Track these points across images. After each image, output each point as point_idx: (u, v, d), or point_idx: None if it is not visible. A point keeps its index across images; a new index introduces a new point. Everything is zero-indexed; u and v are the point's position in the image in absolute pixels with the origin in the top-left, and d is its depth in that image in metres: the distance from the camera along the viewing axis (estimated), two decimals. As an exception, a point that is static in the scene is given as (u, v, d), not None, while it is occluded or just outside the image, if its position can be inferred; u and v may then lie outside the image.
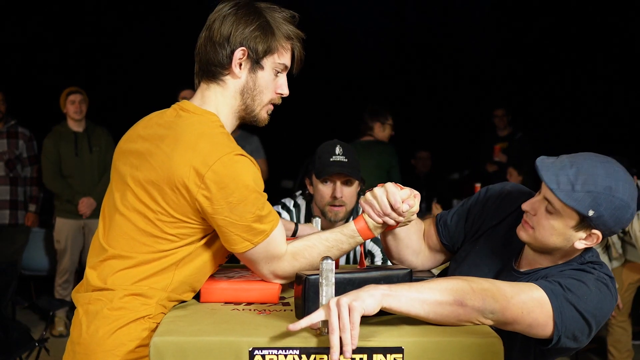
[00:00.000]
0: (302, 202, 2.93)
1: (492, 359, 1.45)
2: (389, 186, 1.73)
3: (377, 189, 1.75)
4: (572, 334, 1.60)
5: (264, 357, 1.42)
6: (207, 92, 1.75)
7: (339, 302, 1.41)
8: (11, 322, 4.00)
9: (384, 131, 5.35)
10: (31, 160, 5.44)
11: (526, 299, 1.56)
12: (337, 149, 2.69)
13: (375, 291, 1.46)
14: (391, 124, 5.38)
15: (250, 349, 1.42)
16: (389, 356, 1.43)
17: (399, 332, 1.50)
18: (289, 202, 2.93)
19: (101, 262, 1.70)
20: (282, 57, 1.75)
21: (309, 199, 2.90)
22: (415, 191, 1.76)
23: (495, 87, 7.74)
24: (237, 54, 1.70)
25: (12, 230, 5.36)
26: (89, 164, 5.28)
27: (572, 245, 1.66)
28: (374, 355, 1.43)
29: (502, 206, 1.86)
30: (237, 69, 1.71)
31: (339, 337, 1.38)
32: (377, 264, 2.79)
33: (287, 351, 1.43)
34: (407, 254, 1.93)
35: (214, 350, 1.43)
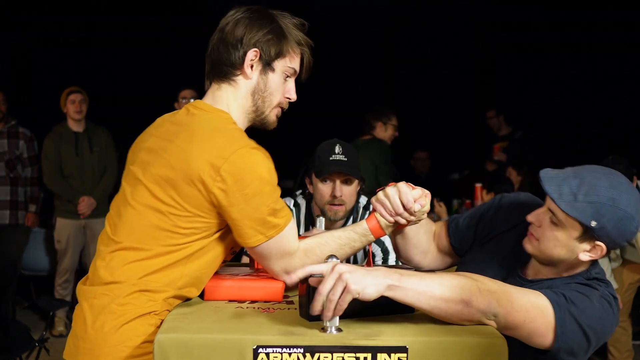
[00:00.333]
0: (302, 202, 2.93)
1: None
2: (402, 186, 1.75)
3: (389, 189, 1.76)
4: (570, 348, 1.59)
5: (268, 355, 1.42)
6: (218, 92, 1.78)
7: (341, 276, 1.44)
8: (11, 322, 4.00)
9: (386, 131, 5.33)
10: (32, 160, 5.43)
11: (530, 306, 1.56)
12: (337, 148, 2.70)
13: (382, 280, 1.47)
14: (394, 125, 5.35)
15: (254, 347, 1.42)
16: (393, 355, 1.43)
17: (403, 332, 1.50)
18: (289, 202, 2.93)
19: (111, 253, 1.71)
20: (293, 61, 1.79)
21: (309, 198, 2.91)
22: (426, 191, 1.78)
23: (495, 87, 7.75)
24: (249, 54, 1.74)
25: (12, 230, 5.36)
26: (89, 164, 5.28)
27: (576, 257, 1.66)
28: (378, 354, 1.43)
29: (515, 214, 1.86)
30: (249, 70, 1.75)
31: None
32: (378, 263, 2.79)
33: (291, 349, 1.43)
34: (415, 254, 1.94)
35: (218, 348, 1.43)
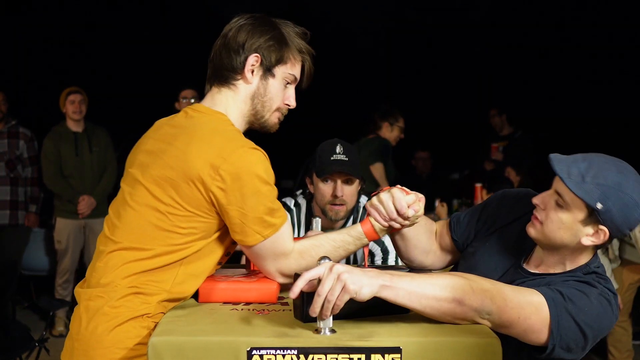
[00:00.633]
0: (302, 202, 2.93)
1: None
2: (395, 191, 1.77)
3: (383, 194, 1.78)
4: (566, 344, 1.59)
5: (262, 357, 1.42)
6: (217, 96, 1.81)
7: (339, 276, 1.45)
8: (11, 322, 4.01)
9: (392, 132, 5.33)
10: (32, 160, 5.44)
11: (524, 304, 1.56)
12: (338, 148, 2.70)
13: (375, 280, 1.48)
14: (401, 127, 5.34)
15: (248, 349, 1.42)
16: (387, 356, 1.43)
17: (397, 332, 1.50)
18: (289, 201, 2.92)
19: (110, 253, 1.72)
20: (294, 68, 1.82)
21: (310, 198, 2.90)
22: (420, 195, 1.80)
23: (496, 87, 7.74)
24: (250, 59, 1.77)
25: (12, 230, 5.36)
26: (89, 164, 5.28)
27: (579, 241, 1.65)
28: (372, 355, 1.43)
29: (517, 206, 1.86)
30: (250, 75, 1.78)
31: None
32: (377, 263, 2.79)
33: (285, 351, 1.43)
34: (416, 254, 1.95)
35: (212, 350, 1.43)
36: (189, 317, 1.61)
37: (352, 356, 1.43)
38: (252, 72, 1.78)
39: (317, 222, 2.28)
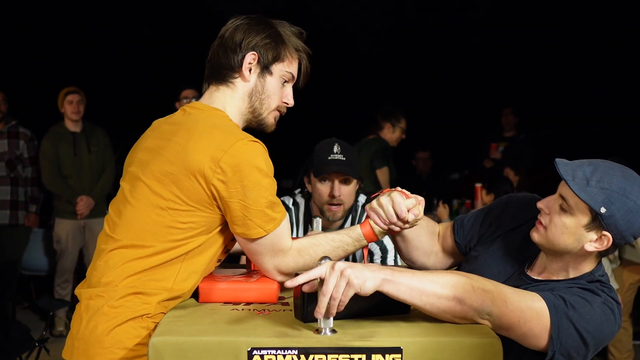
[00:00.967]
0: (301, 201, 2.93)
1: None
2: (395, 195, 1.77)
3: (383, 198, 1.78)
4: (567, 351, 1.58)
5: (262, 357, 1.42)
6: (215, 93, 1.82)
7: (343, 272, 1.45)
8: (11, 322, 4.01)
9: (393, 133, 5.31)
10: (32, 160, 5.43)
11: (525, 308, 1.56)
12: (335, 148, 2.69)
13: (377, 274, 1.49)
14: (402, 128, 5.33)
15: (248, 349, 1.42)
16: (387, 356, 1.43)
17: (398, 332, 1.50)
18: (287, 201, 2.92)
19: (110, 252, 1.72)
20: (290, 66, 1.84)
21: (308, 197, 2.90)
22: (420, 198, 1.80)
23: (495, 87, 7.74)
24: (247, 58, 1.79)
25: (12, 230, 5.36)
26: (87, 164, 5.28)
27: (582, 247, 1.65)
28: (373, 355, 1.43)
29: (522, 212, 1.86)
30: (247, 73, 1.80)
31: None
32: (376, 262, 2.79)
33: (286, 351, 1.43)
34: (417, 255, 1.95)
35: (213, 350, 1.43)
36: (189, 317, 1.61)
37: (352, 356, 1.42)
38: (250, 70, 1.79)
39: (317, 222, 2.28)
